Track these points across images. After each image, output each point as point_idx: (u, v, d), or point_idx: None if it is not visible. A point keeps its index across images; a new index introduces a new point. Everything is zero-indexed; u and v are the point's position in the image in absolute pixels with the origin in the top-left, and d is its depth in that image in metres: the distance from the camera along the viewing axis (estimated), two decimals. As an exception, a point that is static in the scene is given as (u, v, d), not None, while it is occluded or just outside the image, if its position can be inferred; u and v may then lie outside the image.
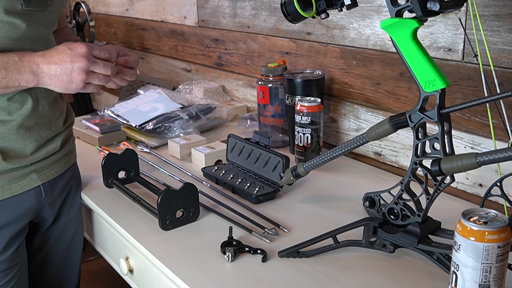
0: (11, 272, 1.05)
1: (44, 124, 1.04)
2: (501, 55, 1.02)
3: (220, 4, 1.76)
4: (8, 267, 1.04)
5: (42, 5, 0.99)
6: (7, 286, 1.05)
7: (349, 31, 1.32)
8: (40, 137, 1.04)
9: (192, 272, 0.89)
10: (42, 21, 1.01)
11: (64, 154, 1.13)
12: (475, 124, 1.09)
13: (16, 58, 0.91)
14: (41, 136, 1.04)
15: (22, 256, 1.09)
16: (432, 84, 0.79)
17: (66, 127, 1.13)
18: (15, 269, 1.06)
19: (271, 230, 0.98)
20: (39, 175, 1.06)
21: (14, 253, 1.05)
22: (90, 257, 2.17)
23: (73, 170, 1.19)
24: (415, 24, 0.78)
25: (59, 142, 1.09)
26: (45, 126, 1.05)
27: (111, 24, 2.47)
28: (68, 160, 1.15)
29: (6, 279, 1.04)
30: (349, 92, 1.36)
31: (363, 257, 0.91)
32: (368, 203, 0.95)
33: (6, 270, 1.04)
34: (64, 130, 1.12)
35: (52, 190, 1.10)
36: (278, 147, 1.41)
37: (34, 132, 1.02)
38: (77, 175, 1.22)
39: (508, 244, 0.69)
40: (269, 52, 1.60)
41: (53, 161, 1.09)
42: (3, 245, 1.02)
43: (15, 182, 1.01)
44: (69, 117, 1.16)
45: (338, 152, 0.94)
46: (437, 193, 0.83)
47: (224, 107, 1.70)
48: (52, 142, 1.08)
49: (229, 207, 1.10)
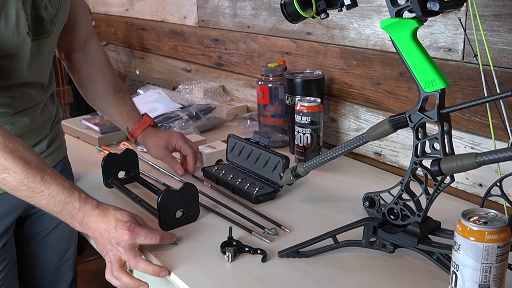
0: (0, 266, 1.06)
1: (33, 131, 1.07)
2: (501, 55, 1.02)
3: (220, 4, 1.76)
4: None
5: (44, 31, 1.00)
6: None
7: (349, 31, 1.32)
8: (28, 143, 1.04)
9: (192, 272, 0.89)
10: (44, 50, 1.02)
11: (52, 152, 1.14)
12: (475, 124, 1.09)
13: (76, 205, 0.90)
14: (29, 142, 1.05)
15: (10, 252, 1.10)
16: (432, 84, 0.79)
17: (52, 128, 1.14)
18: (4, 263, 1.07)
19: (271, 230, 0.98)
20: None
21: (2, 248, 1.06)
22: (90, 257, 2.17)
23: (63, 165, 1.21)
24: (415, 24, 0.78)
25: (46, 143, 1.11)
26: (34, 133, 1.07)
27: (111, 24, 2.47)
28: (55, 156, 1.16)
29: None
30: (349, 92, 1.36)
31: (363, 257, 0.91)
32: (368, 203, 0.95)
33: None
34: (50, 132, 1.13)
35: None
36: (278, 147, 1.41)
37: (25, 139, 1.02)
38: (68, 169, 1.24)
39: (508, 244, 0.69)
40: (269, 52, 1.60)
41: None
42: None
43: None
44: (57, 116, 1.18)
45: (338, 152, 0.94)
46: (437, 193, 0.83)
47: (224, 107, 1.70)
48: (38, 145, 1.10)
49: (229, 207, 1.10)
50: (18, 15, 0.90)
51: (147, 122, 1.26)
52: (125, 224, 0.89)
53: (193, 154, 1.26)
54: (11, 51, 0.94)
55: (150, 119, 1.28)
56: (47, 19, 1.00)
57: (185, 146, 1.25)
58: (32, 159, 0.87)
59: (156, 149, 1.25)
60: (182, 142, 1.25)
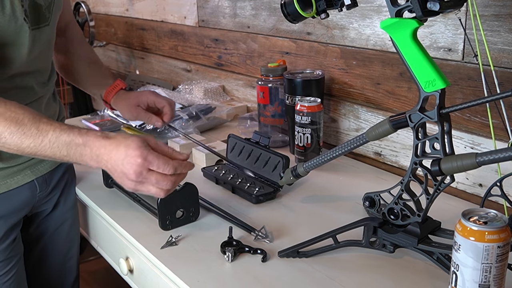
0: (10, 263, 1.07)
1: None
2: (501, 55, 1.02)
3: (220, 4, 1.76)
4: (6, 258, 1.07)
5: (43, 19, 1.01)
6: (6, 276, 1.07)
7: (349, 31, 1.32)
8: None
9: (192, 272, 0.89)
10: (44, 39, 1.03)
11: None
12: (475, 124, 1.09)
13: (79, 141, 0.87)
14: None
15: (19, 249, 1.12)
16: (432, 84, 0.79)
17: None
18: (14, 260, 1.08)
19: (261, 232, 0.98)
20: (32, 170, 1.09)
21: (11, 244, 1.07)
22: (90, 257, 2.17)
23: (67, 164, 1.21)
24: (415, 24, 0.78)
25: None
26: None
27: (111, 24, 2.47)
28: None
29: (5, 270, 1.07)
30: (349, 92, 1.36)
31: (363, 257, 0.91)
32: (368, 203, 0.95)
33: (5, 261, 1.07)
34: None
35: (47, 184, 1.13)
36: (278, 147, 1.41)
37: None
38: (71, 168, 1.24)
39: (508, 244, 0.69)
40: (269, 52, 1.60)
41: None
42: (0, 236, 1.05)
43: (10, 177, 1.05)
44: (60, 114, 1.19)
45: (338, 152, 0.94)
46: (437, 193, 0.83)
47: (224, 107, 1.70)
48: None
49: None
50: (13, 2, 0.91)
51: (119, 86, 1.26)
52: (136, 151, 0.86)
53: (169, 104, 1.24)
54: (10, 39, 0.94)
55: (122, 83, 1.27)
56: (44, 7, 1.01)
57: (159, 99, 1.24)
58: (25, 115, 0.86)
59: (128, 110, 1.24)
60: (154, 97, 1.24)
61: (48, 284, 1.25)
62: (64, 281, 1.28)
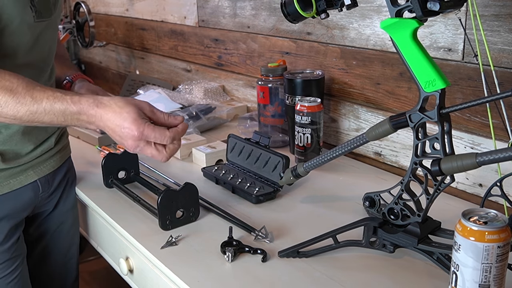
0: (14, 262, 1.08)
1: (42, 128, 1.08)
2: (501, 55, 1.02)
3: (220, 4, 1.76)
4: (10, 258, 1.07)
5: (48, 13, 1.01)
6: (11, 276, 1.07)
7: (349, 31, 1.32)
8: (37, 140, 1.08)
9: (192, 272, 0.89)
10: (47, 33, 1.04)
11: (59, 150, 1.16)
12: (475, 124, 1.09)
13: (74, 109, 0.88)
14: (38, 138, 1.08)
15: (22, 248, 1.12)
16: (432, 84, 0.79)
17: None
18: (18, 260, 1.09)
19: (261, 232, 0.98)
20: (35, 171, 1.09)
21: (15, 243, 1.08)
22: (90, 257, 2.17)
23: (68, 165, 1.22)
24: (415, 24, 0.78)
25: (54, 140, 1.13)
26: (42, 129, 1.09)
27: (111, 24, 2.47)
28: (62, 155, 1.18)
29: (10, 270, 1.07)
30: (349, 92, 1.36)
31: (363, 257, 0.91)
32: (368, 203, 0.95)
33: (10, 260, 1.07)
34: (57, 129, 1.15)
35: (49, 185, 1.14)
36: (278, 147, 1.41)
37: (33, 136, 1.06)
38: (72, 169, 1.25)
39: (508, 244, 0.69)
40: (269, 52, 1.60)
41: (48, 157, 1.13)
42: (3, 236, 1.05)
43: (13, 178, 1.05)
44: None
45: (338, 152, 0.94)
46: (437, 193, 0.83)
47: (224, 107, 1.70)
48: (47, 141, 1.11)
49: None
50: None
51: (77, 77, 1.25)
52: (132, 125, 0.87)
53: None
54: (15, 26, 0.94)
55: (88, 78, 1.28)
56: (52, 2, 1.02)
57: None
58: (19, 83, 0.87)
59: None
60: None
61: (48, 284, 1.25)
62: (64, 281, 1.28)
